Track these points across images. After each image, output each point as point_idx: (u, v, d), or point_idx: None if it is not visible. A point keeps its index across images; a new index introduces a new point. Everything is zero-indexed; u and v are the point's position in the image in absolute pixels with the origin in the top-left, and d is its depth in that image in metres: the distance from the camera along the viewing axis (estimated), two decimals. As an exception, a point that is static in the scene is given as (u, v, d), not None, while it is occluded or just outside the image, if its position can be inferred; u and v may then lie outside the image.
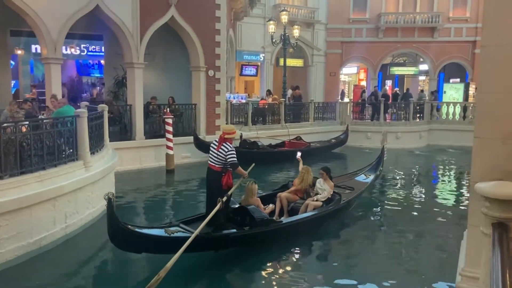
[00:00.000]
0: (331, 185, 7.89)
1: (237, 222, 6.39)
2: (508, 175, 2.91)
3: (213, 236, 5.94)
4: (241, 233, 6.20)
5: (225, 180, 6.23)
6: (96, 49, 18.32)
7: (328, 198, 7.72)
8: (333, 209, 7.50)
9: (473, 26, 24.27)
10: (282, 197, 7.61)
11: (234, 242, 6.29)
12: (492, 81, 3.10)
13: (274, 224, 6.57)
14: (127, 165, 11.96)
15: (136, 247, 5.66)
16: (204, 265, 5.96)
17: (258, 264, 6.18)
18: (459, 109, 19.43)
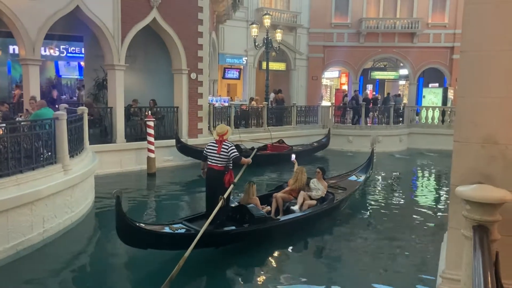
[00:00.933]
0: (325, 185, 8.32)
1: (237, 220, 6.70)
2: (487, 178, 2.97)
3: (214, 232, 6.15)
4: (241, 230, 6.53)
5: (227, 178, 6.46)
6: (76, 51, 18.03)
7: (322, 198, 8.11)
8: (327, 207, 7.90)
9: (451, 32, 24.82)
10: (278, 197, 7.88)
11: (234, 239, 6.54)
12: (471, 86, 3.16)
13: (272, 222, 6.92)
14: (108, 168, 11.77)
15: (142, 243, 5.87)
16: (205, 261, 6.15)
17: (256, 260, 6.44)
18: (438, 113, 19.83)
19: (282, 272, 6.15)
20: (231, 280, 6.02)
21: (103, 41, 12.20)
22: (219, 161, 6.50)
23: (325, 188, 8.28)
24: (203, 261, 6.09)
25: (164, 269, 5.91)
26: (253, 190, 7.46)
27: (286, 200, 8.00)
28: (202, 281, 5.90)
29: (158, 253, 6.32)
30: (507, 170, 2.95)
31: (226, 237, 6.41)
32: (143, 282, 5.74)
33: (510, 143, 2.92)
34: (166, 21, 13.05)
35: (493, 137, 2.99)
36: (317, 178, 8.36)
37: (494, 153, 3.00)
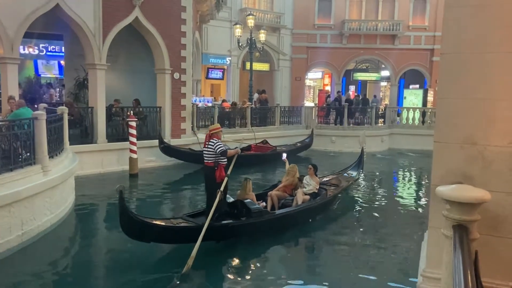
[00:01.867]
0: (316, 181, 8.76)
1: (234, 215, 6.99)
2: (466, 178, 3.02)
3: (213, 226, 6.35)
4: (239, 223, 6.84)
5: (218, 174, 6.66)
6: (56, 49, 17.71)
7: (315, 193, 8.53)
8: (320, 202, 8.33)
9: (431, 34, 25.27)
10: (273, 195, 8.23)
11: (233, 232, 6.84)
12: (451, 88, 3.21)
13: (268, 215, 7.30)
14: (88, 169, 11.58)
15: (145, 237, 6.09)
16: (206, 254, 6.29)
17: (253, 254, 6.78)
18: (418, 114, 20.15)
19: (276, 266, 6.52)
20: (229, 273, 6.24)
21: (83, 40, 12.00)
22: (209, 158, 6.72)
23: (317, 184, 8.70)
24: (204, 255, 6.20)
25: (145, 272, 5.88)
26: (249, 186, 7.75)
27: (281, 197, 8.32)
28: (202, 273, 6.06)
29: (139, 256, 6.28)
30: (486, 170, 3.01)
31: (225, 230, 6.70)
32: (124, 285, 5.67)
33: (489, 144, 2.98)
34: (149, 20, 12.91)
35: (472, 138, 3.05)
36: (309, 175, 8.76)
37: (473, 153, 3.05)
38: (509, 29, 2.88)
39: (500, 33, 2.93)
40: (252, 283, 5.82)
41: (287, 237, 7.56)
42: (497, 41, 2.96)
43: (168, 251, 6.58)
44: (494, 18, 2.93)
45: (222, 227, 6.62)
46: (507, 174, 2.94)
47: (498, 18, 2.91)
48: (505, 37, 2.92)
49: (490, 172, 2.98)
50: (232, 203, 7.19)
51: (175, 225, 6.34)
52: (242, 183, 7.87)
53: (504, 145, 2.93)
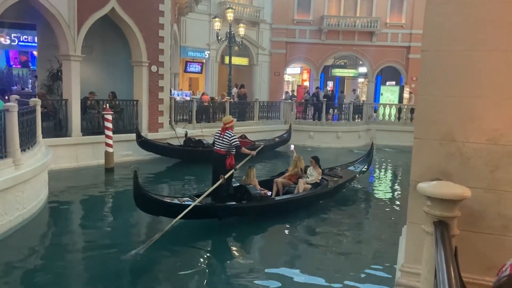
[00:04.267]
0: (319, 172, 9.29)
1: (237, 198, 7.76)
2: (445, 175, 3.06)
3: (217, 206, 7.46)
4: (240, 205, 7.65)
5: (228, 161, 7.65)
6: (29, 39, 17.11)
7: (317, 183, 9.07)
8: (319, 192, 8.88)
9: (408, 32, 25.69)
10: (278, 182, 8.97)
11: (234, 213, 7.77)
12: (431, 85, 3.23)
13: (267, 200, 8.05)
14: (62, 163, 11.30)
15: (154, 211, 7.14)
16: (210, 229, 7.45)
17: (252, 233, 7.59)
18: (394, 111, 20.49)
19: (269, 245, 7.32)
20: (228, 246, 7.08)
21: (57, 30, 11.64)
22: (222, 146, 7.75)
23: (319, 175, 9.23)
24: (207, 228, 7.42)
25: (119, 269, 5.78)
26: (253, 173, 8.48)
27: (286, 185, 9.00)
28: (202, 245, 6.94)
29: (113, 251, 6.17)
30: (464, 166, 3.05)
31: (227, 210, 7.58)
32: (95, 280, 5.56)
33: (467, 141, 3.02)
34: (126, 12, 12.63)
35: (451, 134, 3.08)
36: (312, 166, 9.32)
37: (451, 150, 3.08)
38: (489, 27, 2.92)
39: (480, 31, 2.96)
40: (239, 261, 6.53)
41: (283, 222, 8.11)
42: (477, 39, 2.99)
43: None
44: (475, 15, 2.96)
45: (225, 207, 7.50)
46: (484, 171, 2.98)
47: (478, 15, 2.94)
48: (485, 35, 2.95)
49: (468, 168, 3.02)
50: (237, 187, 7.95)
51: (181, 202, 7.20)
52: (246, 170, 8.57)
53: (482, 142, 2.97)
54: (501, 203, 2.94)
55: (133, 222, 8.10)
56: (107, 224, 7.91)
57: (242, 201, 7.69)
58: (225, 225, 7.64)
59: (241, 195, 7.77)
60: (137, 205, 6.87)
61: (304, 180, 8.99)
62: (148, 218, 8.64)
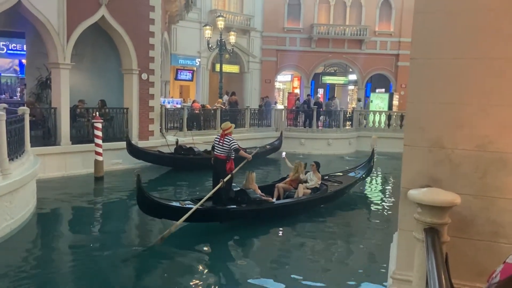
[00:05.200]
0: (318, 177, 9.48)
1: (237, 201, 8.02)
2: (434, 181, 3.08)
3: (217, 209, 7.73)
4: (239, 208, 7.88)
5: (228, 166, 8.02)
6: (17, 48, 16.94)
7: (316, 188, 9.27)
8: (318, 196, 9.08)
9: (397, 40, 26.02)
10: (279, 187, 9.21)
11: (234, 216, 7.94)
12: (420, 92, 3.26)
13: (266, 204, 8.23)
14: (51, 172, 11.16)
15: (157, 213, 7.42)
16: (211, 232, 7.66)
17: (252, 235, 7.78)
18: (384, 118, 20.65)
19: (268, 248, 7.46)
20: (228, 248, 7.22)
21: (47, 38, 11.56)
22: (222, 151, 8.15)
23: (318, 180, 9.41)
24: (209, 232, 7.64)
25: (111, 278, 5.71)
26: (252, 177, 8.62)
27: (287, 189, 9.22)
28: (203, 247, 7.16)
29: (103, 261, 6.11)
30: (453, 173, 3.07)
31: (227, 213, 7.79)
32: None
33: (456, 147, 3.05)
34: (116, 20, 12.60)
35: (440, 141, 3.10)
36: (312, 171, 9.50)
37: (440, 157, 3.11)
38: (476, 35, 2.96)
39: (467, 39, 3.00)
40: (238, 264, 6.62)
41: (282, 226, 8.32)
42: (464, 47, 3.03)
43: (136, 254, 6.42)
44: (462, 24, 3.00)
45: (226, 210, 7.75)
46: (473, 177, 3.01)
47: (465, 24, 2.99)
48: (472, 43, 3.00)
49: (457, 175, 3.05)
50: (237, 191, 8.18)
51: (182, 205, 7.45)
52: (246, 175, 8.72)
53: (471, 149, 2.99)
54: (490, 209, 2.96)
55: (123, 231, 8.02)
56: (96, 234, 7.82)
57: (242, 204, 7.95)
58: (226, 229, 7.84)
59: (242, 199, 8.02)
60: (140, 207, 7.21)
61: (304, 185, 9.18)
62: (138, 226, 8.59)
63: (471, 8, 2.96)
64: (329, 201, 9.60)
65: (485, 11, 2.95)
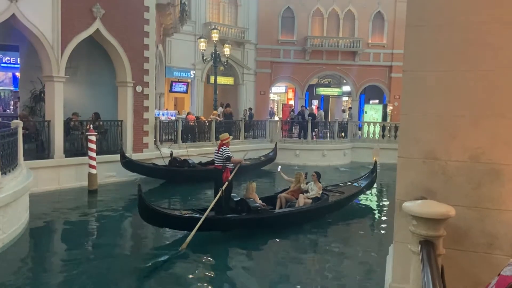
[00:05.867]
0: (319, 186, 9.60)
1: (238, 211, 8.19)
2: (429, 193, 3.08)
3: (218, 218, 7.90)
4: (240, 217, 8.04)
5: (224, 175, 8.38)
6: (11, 61, 16.89)
7: (317, 197, 9.36)
8: (318, 206, 9.15)
9: (389, 52, 26.29)
10: (282, 197, 9.37)
11: (235, 225, 8.08)
12: (413, 104, 3.28)
13: (266, 212, 8.37)
14: (44, 185, 11.06)
15: (158, 222, 7.66)
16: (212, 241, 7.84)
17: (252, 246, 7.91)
18: (378, 129, 20.74)
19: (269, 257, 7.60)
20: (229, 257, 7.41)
21: (41, 51, 11.56)
22: (219, 161, 8.64)
23: (319, 189, 9.51)
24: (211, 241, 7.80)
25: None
26: (253, 187, 8.82)
27: (289, 199, 9.33)
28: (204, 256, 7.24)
29: (97, 277, 6.03)
30: (447, 184, 3.07)
31: (228, 222, 7.96)
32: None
33: (449, 159, 3.06)
34: (110, 33, 12.64)
35: (433, 153, 3.12)
36: (313, 181, 9.62)
37: (435, 168, 3.12)
38: (467, 48, 2.99)
39: (458, 52, 3.04)
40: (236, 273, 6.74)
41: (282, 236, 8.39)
42: (455, 59, 3.06)
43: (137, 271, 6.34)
44: (452, 37, 3.03)
45: (225, 219, 7.92)
46: (467, 188, 3.01)
47: (456, 37, 3.02)
48: (462, 56, 3.03)
49: (451, 186, 3.05)
50: (237, 201, 8.37)
51: (182, 215, 7.66)
52: (247, 185, 8.99)
53: (464, 160, 3.01)
54: (485, 220, 2.96)
55: (117, 244, 7.93)
56: (90, 248, 7.72)
57: (242, 213, 8.11)
58: (228, 238, 8.02)
59: (242, 208, 8.19)
60: (142, 216, 7.39)
61: (305, 195, 9.28)
62: (132, 240, 8.51)
63: (461, 22, 3.00)
64: (330, 211, 9.69)
65: (475, 25, 2.99)
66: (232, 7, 24.88)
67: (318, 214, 9.31)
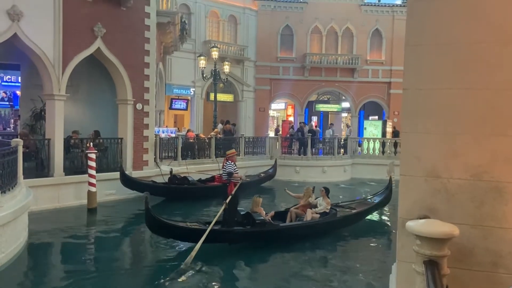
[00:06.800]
0: (327, 202, 9.72)
1: (244, 224, 8.39)
2: (431, 211, 3.06)
3: (223, 230, 8.11)
4: (244, 230, 8.28)
5: (229, 189, 8.87)
6: (12, 79, 17.04)
7: (325, 212, 9.48)
8: (326, 221, 9.29)
9: (388, 68, 26.49)
10: (292, 212, 9.63)
11: (240, 237, 8.33)
12: (413, 122, 3.29)
13: (270, 226, 8.57)
14: (44, 204, 10.99)
15: (165, 233, 8.06)
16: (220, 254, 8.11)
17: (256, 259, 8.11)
18: (378, 145, 20.75)
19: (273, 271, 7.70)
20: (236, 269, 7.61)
21: (42, 70, 11.64)
22: (224, 176, 9.27)
23: (327, 205, 9.62)
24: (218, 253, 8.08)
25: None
26: (258, 202, 9.06)
27: (299, 214, 9.56)
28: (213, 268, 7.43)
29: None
30: (450, 202, 3.06)
31: (233, 235, 8.18)
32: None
33: (451, 177, 3.05)
34: (111, 51, 12.75)
35: (435, 171, 3.11)
36: (322, 196, 9.78)
37: (437, 186, 3.11)
38: (465, 66, 3.02)
39: (456, 70, 3.06)
40: None
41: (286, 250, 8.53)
42: (454, 78, 3.08)
43: None
44: (451, 56, 3.06)
45: (230, 232, 8.14)
46: (470, 207, 3.00)
47: (454, 56, 3.05)
48: (461, 74, 3.05)
49: (454, 204, 3.04)
50: (243, 214, 8.58)
51: (188, 226, 7.94)
52: (253, 199, 9.18)
53: (467, 178, 3.00)
54: (488, 239, 2.94)
55: (117, 263, 7.85)
56: (89, 267, 7.62)
57: (247, 226, 8.34)
58: (234, 251, 8.29)
59: (247, 221, 8.42)
60: (149, 228, 7.85)
61: (313, 210, 9.44)
62: (131, 258, 8.43)
63: (459, 41, 3.03)
64: (338, 226, 9.78)
65: (472, 44, 3.03)
66: (232, 25, 25.18)
67: (325, 229, 9.40)
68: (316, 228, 9.22)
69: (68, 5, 11.65)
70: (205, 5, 23.64)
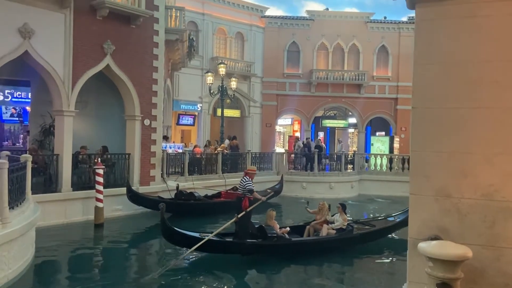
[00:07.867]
0: (344, 218, 9.71)
1: (256, 237, 8.71)
2: (442, 231, 3.03)
3: (235, 242, 8.56)
4: (256, 243, 8.57)
5: (243, 203, 8.79)
6: (22, 95, 17.25)
7: (342, 229, 9.49)
8: (341, 237, 9.33)
9: (395, 84, 26.50)
10: (310, 227, 9.79)
11: (251, 249, 8.61)
12: (422, 141, 3.28)
13: (282, 240, 8.76)
14: (51, 219, 11.00)
15: (179, 242, 8.64)
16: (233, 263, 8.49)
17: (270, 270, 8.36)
18: (385, 161, 20.61)
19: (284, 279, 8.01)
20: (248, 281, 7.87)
21: (52, 86, 11.80)
22: (241, 189, 9.23)
23: (344, 221, 9.61)
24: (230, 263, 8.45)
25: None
26: (272, 215, 9.29)
27: (317, 229, 9.67)
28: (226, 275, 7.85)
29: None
30: (461, 222, 3.02)
31: (245, 247, 8.49)
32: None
33: (462, 196, 3.02)
34: (120, 68, 12.91)
35: (446, 190, 3.08)
36: (339, 212, 9.80)
37: (447, 206, 3.07)
38: (473, 86, 3.02)
39: (465, 89, 3.06)
40: None
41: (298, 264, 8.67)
42: (463, 97, 3.08)
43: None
44: (459, 75, 3.07)
45: (242, 244, 8.48)
46: (481, 227, 2.96)
47: (463, 75, 3.06)
48: (470, 93, 3.05)
49: (465, 224, 3.00)
50: (257, 227, 8.88)
51: (201, 236, 8.31)
52: (267, 213, 9.42)
53: (477, 198, 2.97)
54: (501, 260, 2.89)
55: (124, 280, 7.78)
56: (96, 284, 7.58)
57: (259, 239, 8.61)
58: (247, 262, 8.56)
59: (260, 234, 8.69)
60: (164, 237, 8.47)
61: (329, 226, 9.52)
62: (138, 274, 8.37)
63: (468, 60, 3.04)
64: (354, 243, 9.77)
65: (481, 63, 3.03)
66: (239, 42, 25.44)
67: (340, 245, 9.45)
68: (330, 244, 9.27)
69: (79, 23, 11.88)
70: (212, 23, 23.95)
